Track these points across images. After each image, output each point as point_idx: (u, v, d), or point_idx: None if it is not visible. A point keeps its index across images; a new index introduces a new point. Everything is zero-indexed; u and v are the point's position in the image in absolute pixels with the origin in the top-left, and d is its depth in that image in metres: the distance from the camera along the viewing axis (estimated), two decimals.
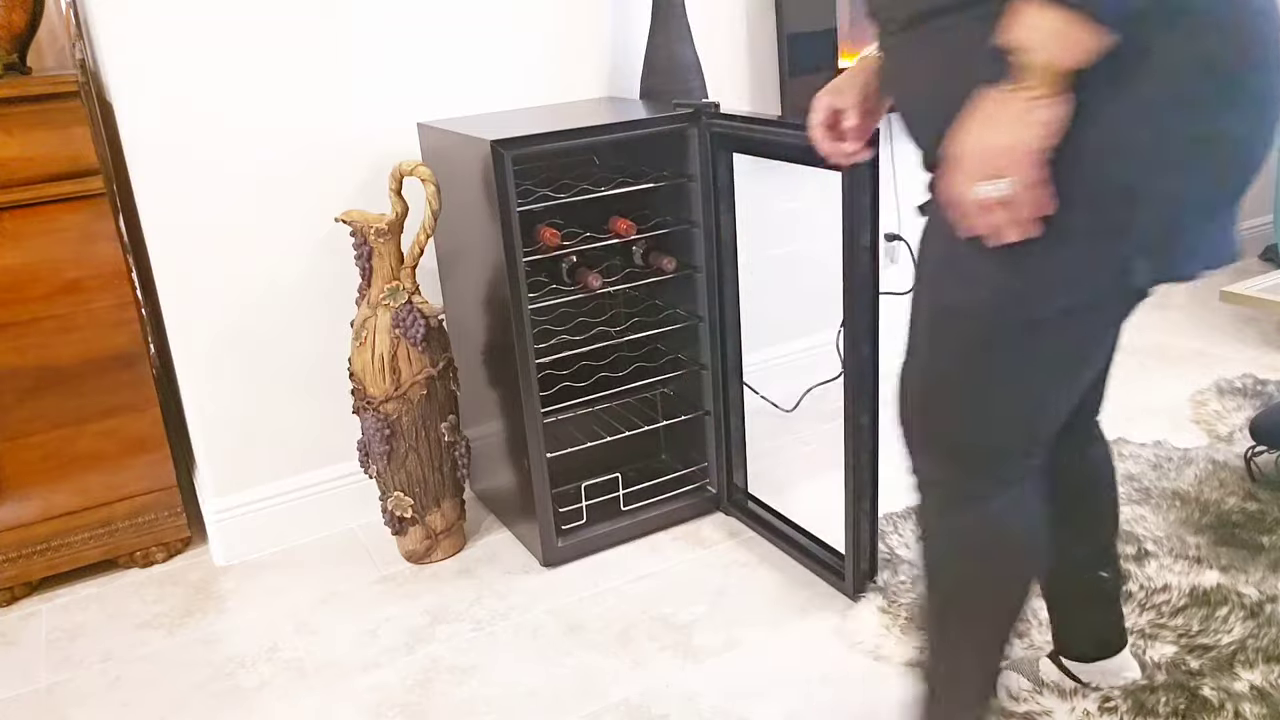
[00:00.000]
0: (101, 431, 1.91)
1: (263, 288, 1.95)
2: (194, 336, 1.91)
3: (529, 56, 2.09)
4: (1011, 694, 1.46)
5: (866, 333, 1.61)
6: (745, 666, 1.61)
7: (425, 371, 1.83)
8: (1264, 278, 2.71)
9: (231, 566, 2.01)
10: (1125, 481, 2.02)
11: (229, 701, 1.62)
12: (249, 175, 1.88)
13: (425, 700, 1.59)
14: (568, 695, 1.58)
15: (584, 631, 1.73)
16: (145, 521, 1.99)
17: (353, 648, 1.73)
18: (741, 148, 1.79)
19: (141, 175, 1.81)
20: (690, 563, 1.90)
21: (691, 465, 2.10)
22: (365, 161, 1.97)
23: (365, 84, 1.94)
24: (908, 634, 1.62)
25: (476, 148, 1.70)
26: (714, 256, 1.89)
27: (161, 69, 1.77)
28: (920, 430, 1.11)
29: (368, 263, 1.81)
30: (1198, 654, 1.51)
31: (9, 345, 1.80)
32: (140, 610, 1.89)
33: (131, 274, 1.98)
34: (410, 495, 1.89)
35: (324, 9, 1.87)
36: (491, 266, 1.77)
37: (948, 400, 1.07)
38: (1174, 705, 1.41)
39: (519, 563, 1.95)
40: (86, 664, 1.74)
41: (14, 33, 1.78)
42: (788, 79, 2.18)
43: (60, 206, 1.78)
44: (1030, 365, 1.00)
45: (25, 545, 1.90)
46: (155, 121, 1.79)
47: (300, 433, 2.05)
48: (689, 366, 2.04)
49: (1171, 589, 1.66)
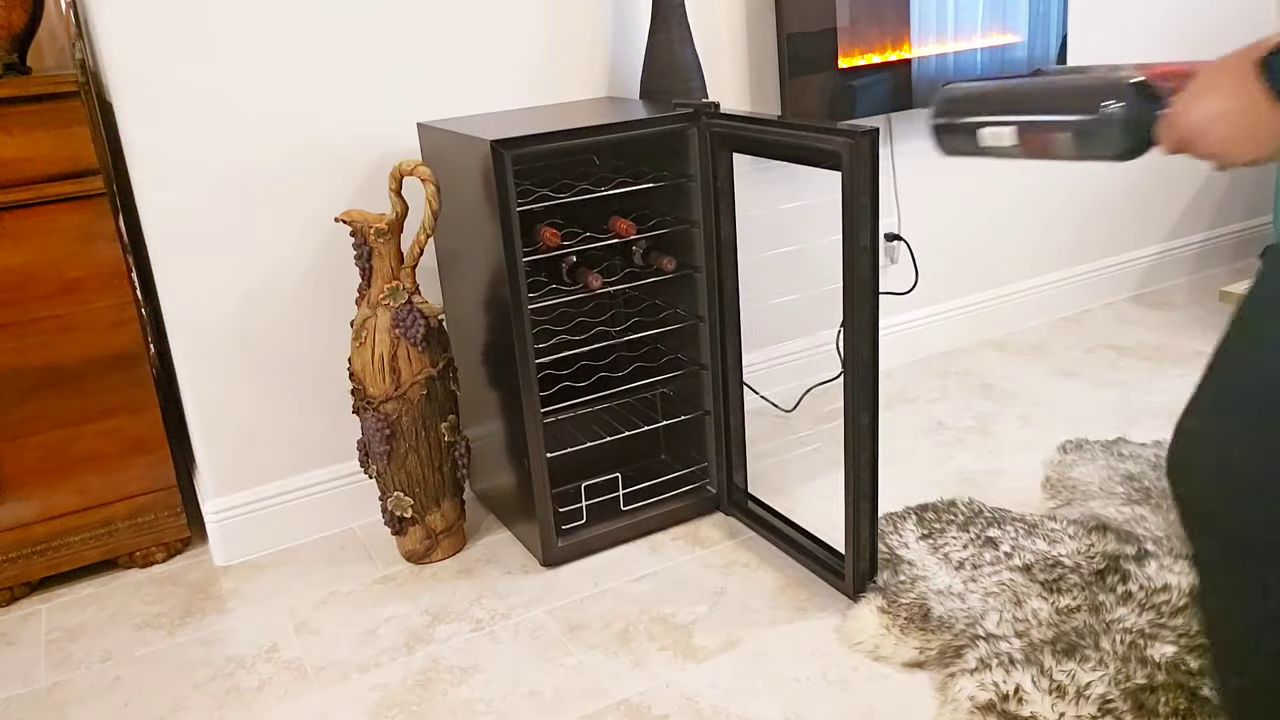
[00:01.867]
0: (101, 432, 1.91)
1: (263, 288, 1.95)
2: (194, 336, 1.91)
3: (529, 56, 2.09)
4: (1012, 695, 1.45)
5: (866, 333, 1.61)
6: (745, 666, 1.61)
7: (425, 371, 1.83)
8: None
9: (231, 566, 2.01)
10: (1125, 481, 2.02)
11: (229, 701, 1.62)
12: (249, 175, 1.88)
13: (425, 700, 1.59)
14: (568, 695, 1.58)
15: (584, 631, 1.73)
16: (145, 521, 1.99)
17: (353, 648, 1.73)
18: (741, 148, 1.79)
19: (141, 175, 1.81)
20: (690, 563, 1.90)
21: (691, 465, 2.10)
22: (365, 161, 1.97)
23: (365, 84, 1.94)
24: (907, 634, 1.62)
25: (476, 148, 1.70)
26: (714, 256, 1.89)
27: (161, 69, 1.77)
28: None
29: (368, 263, 1.81)
30: (1198, 654, 1.51)
31: (9, 345, 1.80)
32: (140, 610, 1.89)
33: (131, 274, 1.98)
34: (410, 495, 1.89)
35: (324, 9, 1.87)
36: (491, 266, 1.78)
37: None
38: (1174, 705, 1.41)
39: (519, 563, 1.95)
40: (86, 664, 1.74)
41: (14, 33, 1.78)
42: (788, 79, 2.18)
43: (60, 206, 1.78)
44: None
45: (25, 545, 1.90)
46: (155, 121, 1.79)
47: (300, 433, 2.05)
48: (689, 366, 2.04)
49: (1171, 589, 1.66)
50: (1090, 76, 0.81)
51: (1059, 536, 1.83)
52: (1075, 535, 1.83)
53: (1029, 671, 1.49)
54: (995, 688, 1.47)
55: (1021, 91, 0.84)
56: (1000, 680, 1.48)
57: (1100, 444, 2.18)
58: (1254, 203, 3.34)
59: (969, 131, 0.88)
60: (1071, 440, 2.21)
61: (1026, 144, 0.86)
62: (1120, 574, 1.71)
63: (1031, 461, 2.18)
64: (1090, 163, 0.89)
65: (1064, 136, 0.83)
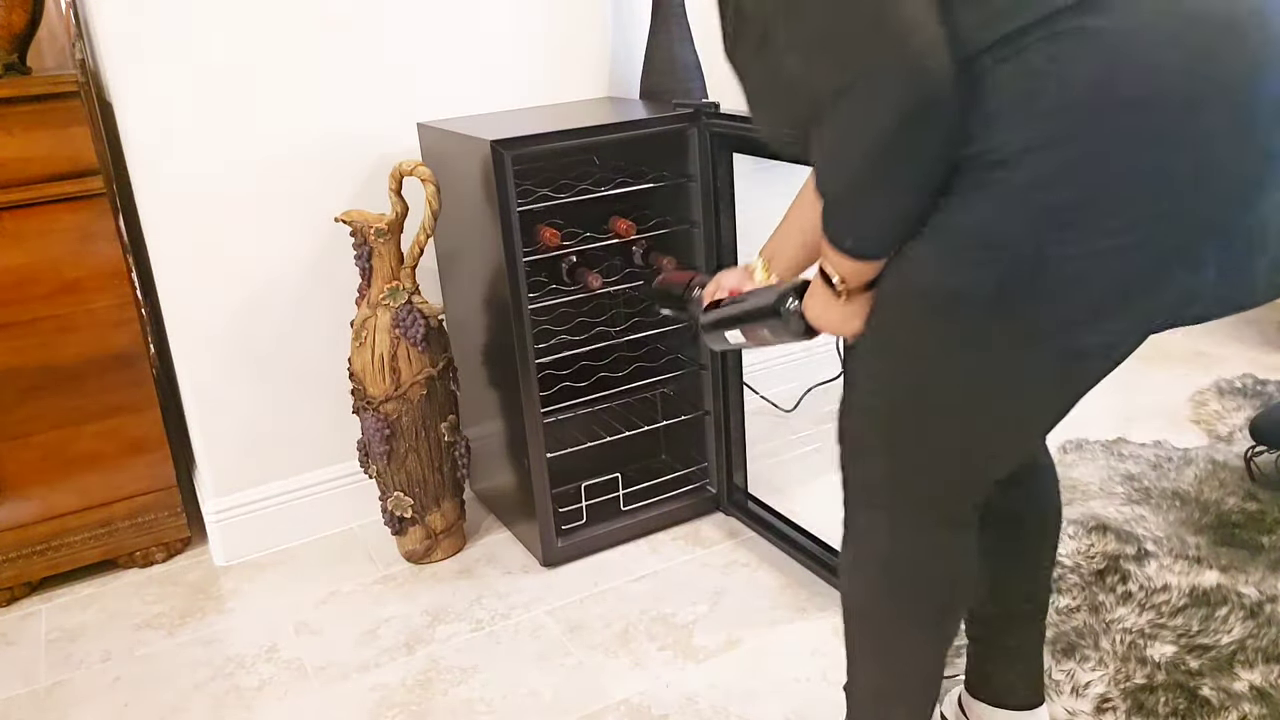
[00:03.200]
0: (101, 431, 1.91)
1: (263, 288, 1.95)
2: (194, 336, 1.91)
3: (529, 56, 2.09)
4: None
5: None
6: (745, 666, 1.61)
7: (425, 371, 1.83)
8: None
9: (231, 566, 2.01)
10: (1125, 481, 2.02)
11: (229, 701, 1.62)
12: (249, 175, 1.88)
13: (425, 700, 1.59)
14: (568, 695, 1.58)
15: (584, 631, 1.73)
16: (145, 521, 1.99)
17: (353, 648, 1.73)
18: (741, 148, 1.79)
19: (141, 175, 1.81)
20: (690, 563, 1.90)
21: (691, 465, 2.10)
22: (365, 161, 1.97)
23: (365, 84, 1.94)
24: None
25: (476, 148, 1.70)
26: (714, 257, 1.89)
27: (161, 69, 1.77)
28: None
29: (368, 263, 1.81)
30: (1198, 654, 1.51)
31: (9, 345, 1.80)
32: (140, 610, 1.89)
33: (131, 274, 1.98)
34: (410, 495, 1.89)
35: (325, 9, 1.87)
36: (491, 266, 1.77)
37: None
38: (1174, 705, 1.42)
39: (519, 563, 1.95)
40: (86, 664, 1.74)
41: (14, 33, 1.78)
42: None
43: (60, 206, 1.78)
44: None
45: (25, 545, 1.90)
46: (155, 121, 1.79)
47: (300, 433, 2.05)
48: (689, 366, 2.04)
49: (1171, 589, 1.66)
50: (767, 289, 1.19)
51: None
52: (1075, 535, 1.83)
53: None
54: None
55: (739, 310, 1.22)
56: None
57: (1100, 444, 2.18)
58: None
59: (720, 339, 1.26)
60: (1071, 440, 2.21)
61: (750, 339, 1.22)
62: (1120, 574, 1.71)
63: None
64: (788, 343, 1.26)
65: (767, 332, 1.19)
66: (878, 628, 1.17)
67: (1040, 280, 0.86)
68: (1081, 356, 0.92)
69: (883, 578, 1.13)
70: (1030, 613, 1.30)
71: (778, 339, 1.22)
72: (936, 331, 0.95)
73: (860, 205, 0.92)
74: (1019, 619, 1.30)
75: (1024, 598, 1.29)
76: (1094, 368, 0.95)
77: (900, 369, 1.01)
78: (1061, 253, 0.85)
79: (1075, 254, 0.84)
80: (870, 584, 1.15)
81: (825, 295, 1.04)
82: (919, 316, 0.96)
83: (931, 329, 0.95)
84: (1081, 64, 0.80)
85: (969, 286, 0.89)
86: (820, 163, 0.92)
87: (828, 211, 0.94)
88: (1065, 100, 0.81)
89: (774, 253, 1.36)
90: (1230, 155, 0.83)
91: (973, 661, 1.36)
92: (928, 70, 0.81)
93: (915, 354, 0.98)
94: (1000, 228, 0.86)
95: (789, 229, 1.22)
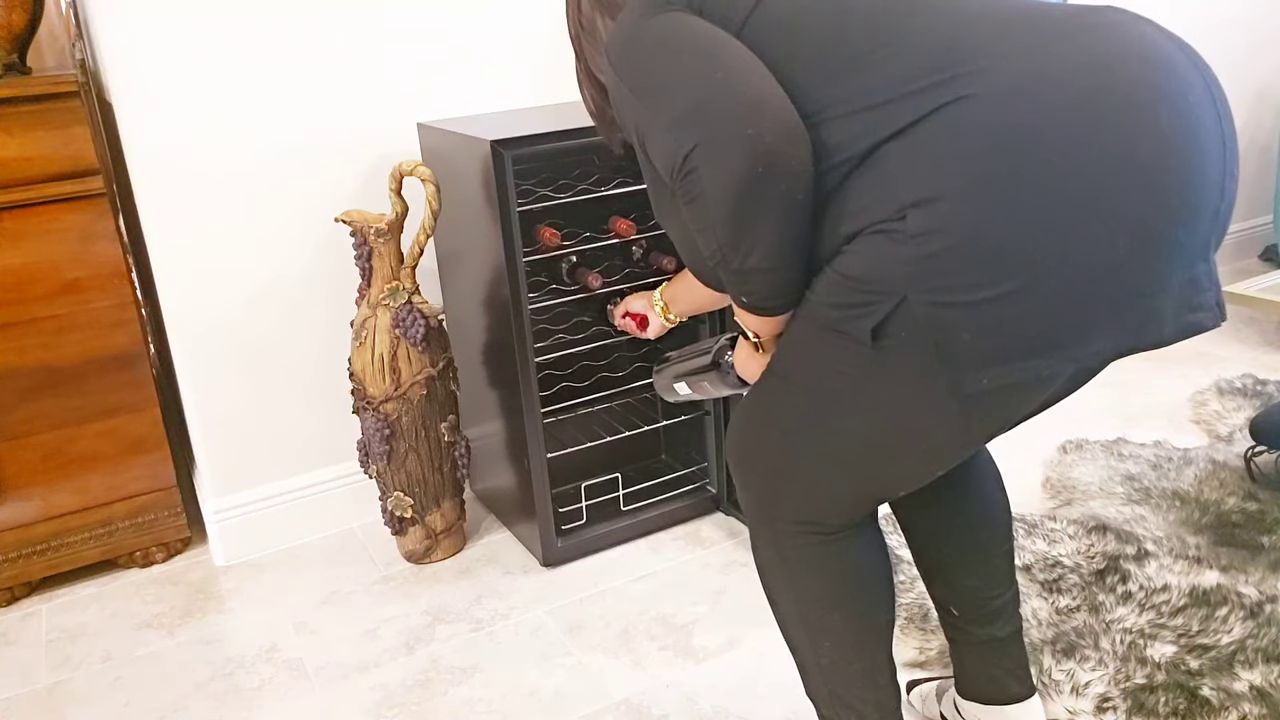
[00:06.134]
0: (101, 431, 1.91)
1: (263, 288, 1.95)
2: (194, 336, 1.91)
3: (529, 56, 2.09)
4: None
5: None
6: (745, 666, 1.61)
7: (425, 371, 1.83)
8: (1264, 278, 2.71)
9: (231, 566, 2.01)
10: (1125, 481, 2.02)
11: (229, 701, 1.62)
12: (249, 175, 1.88)
13: (425, 700, 1.59)
14: (568, 695, 1.58)
15: (584, 631, 1.73)
16: (145, 521, 1.99)
17: (353, 648, 1.73)
18: None
19: (141, 175, 1.81)
20: (690, 563, 1.90)
21: (691, 465, 2.10)
22: (365, 161, 1.97)
23: (365, 84, 1.94)
24: (907, 634, 1.62)
25: (476, 148, 1.70)
26: None
27: (161, 69, 1.77)
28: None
29: (368, 263, 1.81)
30: (1198, 654, 1.51)
31: (9, 345, 1.80)
32: (140, 610, 1.89)
33: (131, 274, 1.98)
34: (410, 495, 1.89)
35: (325, 9, 1.87)
36: (491, 266, 1.78)
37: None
38: (1174, 705, 1.42)
39: (519, 563, 1.95)
40: (86, 664, 1.74)
41: (14, 33, 1.78)
42: None
43: (60, 206, 1.78)
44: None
45: (25, 545, 1.90)
46: (155, 121, 1.79)
47: (300, 433, 2.05)
48: None
49: (1171, 589, 1.66)
50: (713, 340, 1.33)
51: (1059, 536, 1.84)
52: (1075, 535, 1.83)
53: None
54: None
55: (684, 367, 1.36)
56: None
57: (1100, 444, 2.19)
58: (1253, 203, 3.34)
59: (672, 392, 1.42)
60: (1071, 440, 2.21)
61: (695, 390, 1.37)
62: (1120, 574, 1.71)
63: (1031, 461, 2.18)
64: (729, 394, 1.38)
65: (708, 384, 1.33)
66: (801, 631, 1.18)
67: (919, 327, 0.90)
68: (972, 398, 0.94)
69: (787, 586, 1.16)
70: (998, 608, 1.29)
71: (717, 391, 1.34)
72: (827, 362, 0.99)
73: (740, 263, 0.97)
74: (987, 615, 1.30)
75: (985, 594, 1.29)
76: (995, 409, 0.97)
77: (792, 394, 1.05)
78: (939, 299, 0.89)
79: (952, 301, 0.88)
80: (778, 590, 1.18)
81: (746, 348, 1.14)
82: (811, 346, 1.01)
83: (821, 360, 1.00)
84: (958, 130, 0.87)
85: (852, 329, 0.94)
86: (695, 234, 0.99)
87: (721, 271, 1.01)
88: (942, 160, 0.87)
89: (674, 296, 1.52)
90: (1110, 205, 0.86)
91: (955, 661, 1.36)
92: (762, 129, 0.89)
93: (805, 382, 1.03)
94: (881, 274, 0.91)
95: (688, 274, 1.33)
